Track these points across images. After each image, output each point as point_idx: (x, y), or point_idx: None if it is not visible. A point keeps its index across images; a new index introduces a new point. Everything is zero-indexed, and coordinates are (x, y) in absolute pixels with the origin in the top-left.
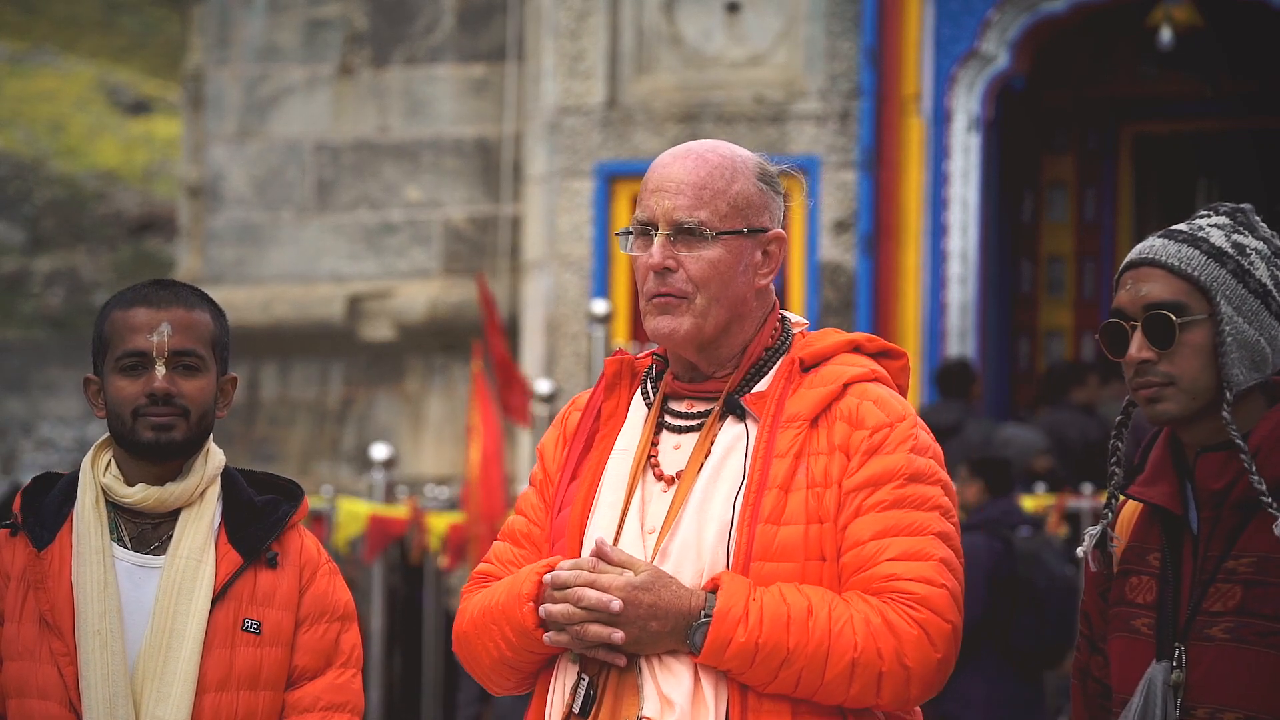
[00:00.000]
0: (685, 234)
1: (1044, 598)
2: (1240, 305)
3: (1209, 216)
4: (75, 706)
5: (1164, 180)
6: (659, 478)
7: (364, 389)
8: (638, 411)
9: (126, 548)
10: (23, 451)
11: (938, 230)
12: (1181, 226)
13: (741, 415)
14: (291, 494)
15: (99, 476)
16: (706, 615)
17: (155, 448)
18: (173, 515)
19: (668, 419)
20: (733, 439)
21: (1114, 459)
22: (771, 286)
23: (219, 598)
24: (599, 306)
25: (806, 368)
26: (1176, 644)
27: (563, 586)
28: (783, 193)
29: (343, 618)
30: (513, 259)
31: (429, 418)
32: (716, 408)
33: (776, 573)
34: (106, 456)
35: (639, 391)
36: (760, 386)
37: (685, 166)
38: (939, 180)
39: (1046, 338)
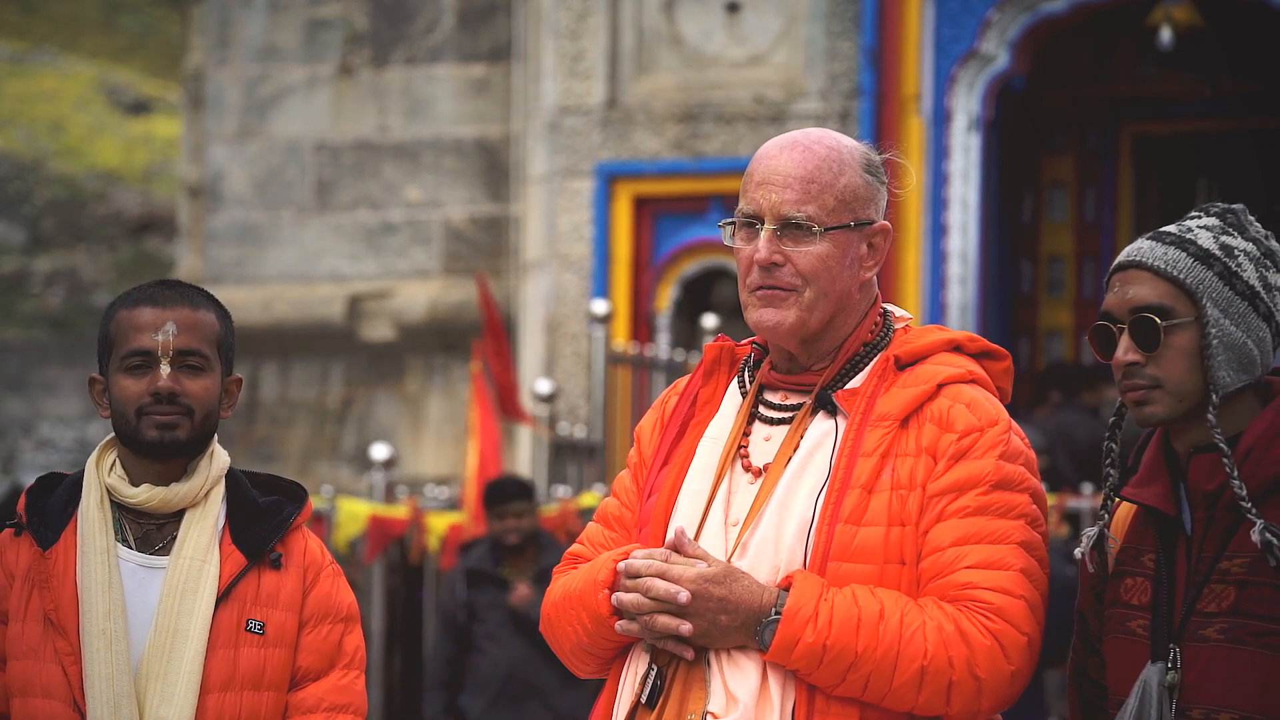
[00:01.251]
0: (793, 229)
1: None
2: (1227, 308)
3: (1199, 218)
4: (79, 706)
5: (1164, 180)
6: (747, 469)
7: (364, 389)
8: (732, 400)
9: (131, 548)
10: (23, 451)
11: (938, 230)
12: (1171, 228)
13: (833, 411)
14: (295, 496)
15: (103, 477)
16: (777, 613)
17: (159, 446)
18: (177, 516)
19: (761, 409)
20: (821, 434)
21: (1108, 460)
22: (874, 279)
23: (223, 598)
24: (599, 306)
25: (902, 365)
26: (1171, 645)
27: (635, 575)
28: (886, 182)
29: (346, 619)
30: (513, 259)
31: (429, 418)
32: (809, 402)
33: (854, 574)
34: (111, 456)
35: (735, 380)
36: (854, 383)
37: (792, 159)
38: (939, 180)
39: (1046, 338)
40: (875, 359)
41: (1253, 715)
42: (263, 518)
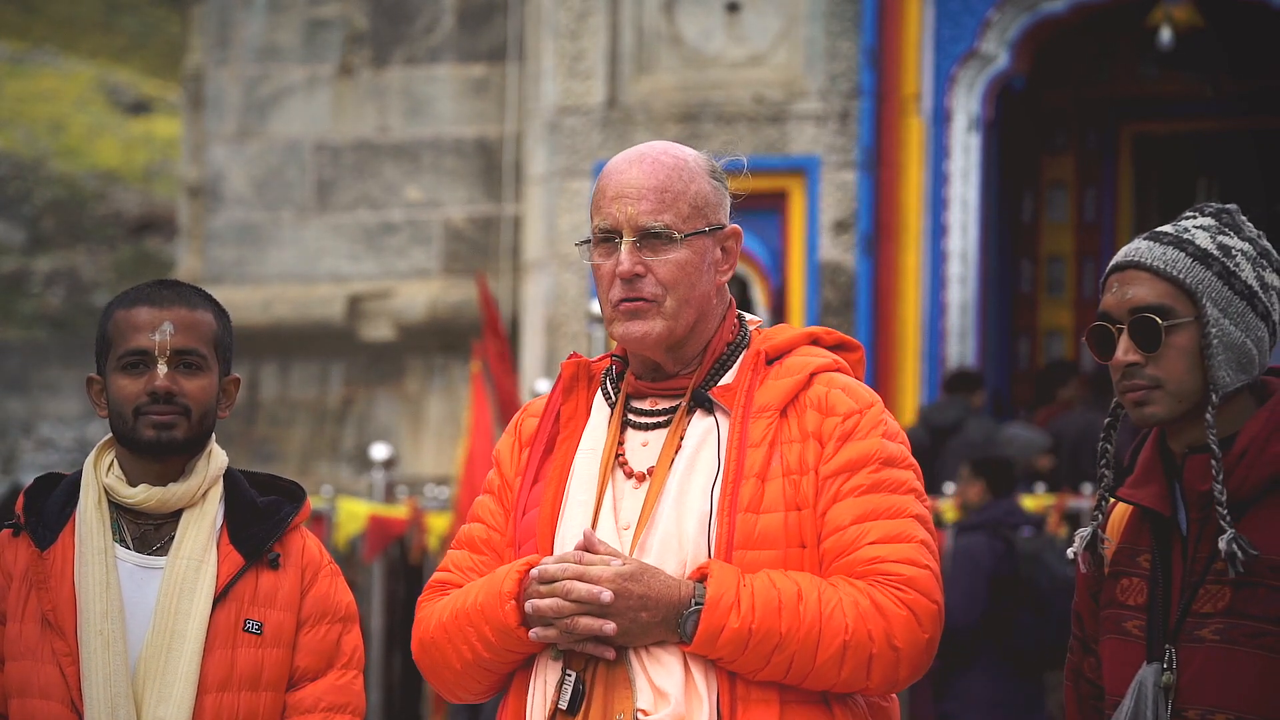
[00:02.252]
0: (651, 238)
1: (1046, 598)
2: (1226, 307)
3: (1195, 218)
4: (77, 706)
5: (1164, 180)
6: (629, 475)
7: (364, 389)
8: (600, 412)
9: (129, 548)
10: (23, 451)
11: (938, 230)
12: (1167, 228)
13: (710, 409)
14: (294, 495)
15: (101, 477)
16: (697, 603)
17: (156, 446)
18: (175, 516)
19: (631, 417)
20: (704, 432)
21: (1103, 461)
22: (726, 284)
23: (220, 598)
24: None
25: (770, 360)
26: (1167, 645)
27: (550, 580)
28: (729, 188)
29: (344, 619)
30: (513, 259)
31: (429, 418)
32: (684, 403)
33: (759, 560)
34: (109, 457)
35: (599, 392)
36: (726, 380)
37: (643, 171)
38: (939, 180)
39: (1046, 338)
40: (742, 356)
41: (1248, 716)
42: (261, 517)
